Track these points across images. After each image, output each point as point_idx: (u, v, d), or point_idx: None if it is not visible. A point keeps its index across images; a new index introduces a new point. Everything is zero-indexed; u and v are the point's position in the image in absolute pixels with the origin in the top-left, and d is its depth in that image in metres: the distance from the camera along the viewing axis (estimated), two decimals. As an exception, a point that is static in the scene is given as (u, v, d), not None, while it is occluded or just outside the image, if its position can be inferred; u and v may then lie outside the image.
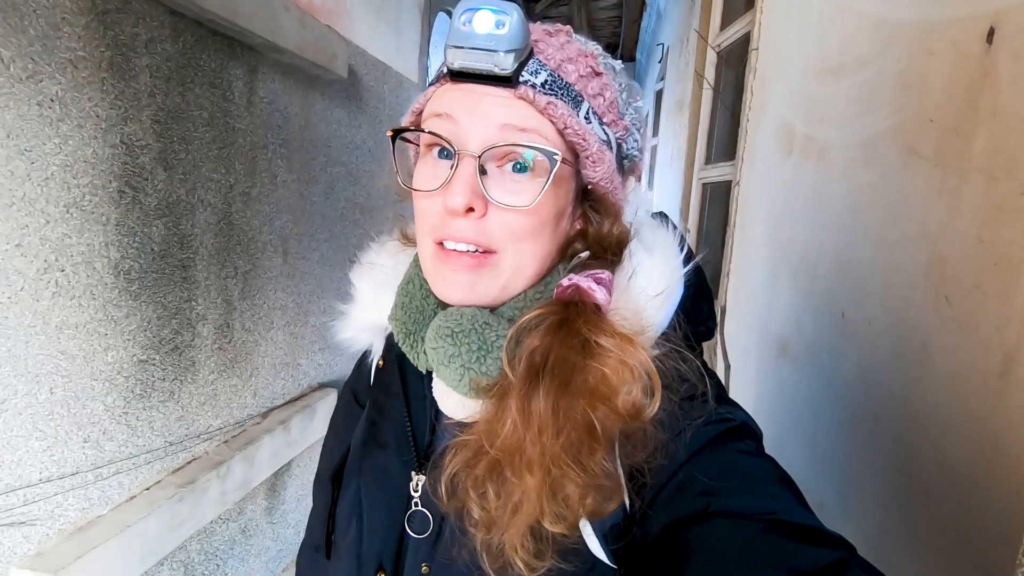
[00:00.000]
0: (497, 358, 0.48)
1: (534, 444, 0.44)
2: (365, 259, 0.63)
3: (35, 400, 1.09)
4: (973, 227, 0.68)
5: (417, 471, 0.54)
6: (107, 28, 1.15)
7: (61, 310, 1.12)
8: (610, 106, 0.51)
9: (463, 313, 0.50)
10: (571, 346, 0.45)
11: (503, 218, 0.47)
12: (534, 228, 0.48)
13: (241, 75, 1.57)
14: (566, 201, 0.51)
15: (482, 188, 0.46)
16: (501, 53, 0.44)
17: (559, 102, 0.47)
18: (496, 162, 0.48)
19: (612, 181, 0.51)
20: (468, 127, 0.46)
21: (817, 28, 1.30)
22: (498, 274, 0.50)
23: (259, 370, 1.79)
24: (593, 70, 0.50)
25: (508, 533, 0.44)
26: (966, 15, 0.74)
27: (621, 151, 0.54)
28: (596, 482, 0.44)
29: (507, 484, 0.45)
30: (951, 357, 0.70)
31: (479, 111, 0.46)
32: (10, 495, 1.07)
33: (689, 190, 2.76)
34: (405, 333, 0.54)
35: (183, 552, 1.50)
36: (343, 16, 2.09)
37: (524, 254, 0.49)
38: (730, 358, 1.77)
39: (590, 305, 0.47)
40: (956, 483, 0.67)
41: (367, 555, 0.56)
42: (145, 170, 1.28)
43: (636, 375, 0.44)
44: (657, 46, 4.54)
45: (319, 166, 2.01)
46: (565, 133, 0.47)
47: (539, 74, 0.47)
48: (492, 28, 0.43)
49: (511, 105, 0.46)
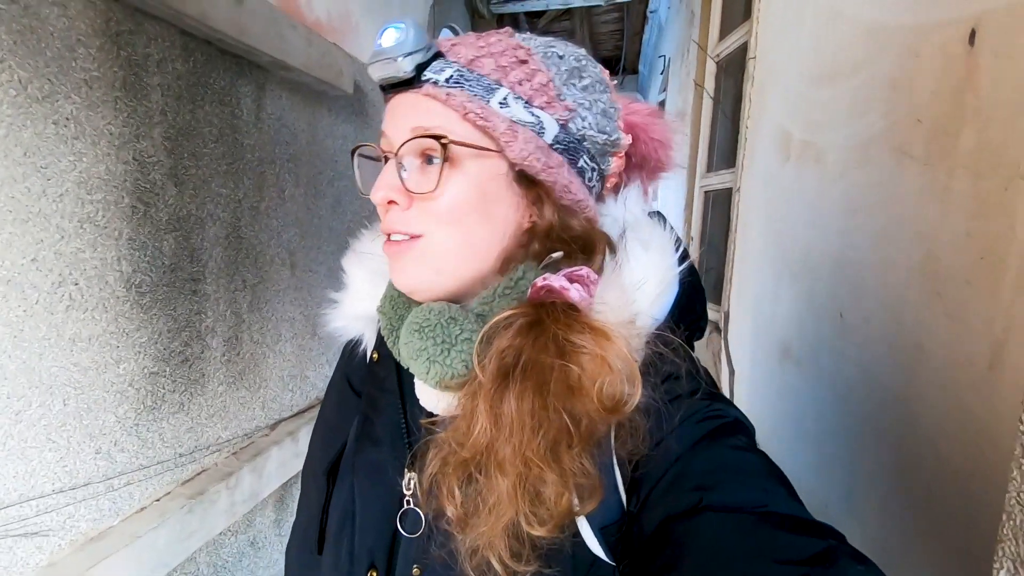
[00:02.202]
0: (461, 352, 0.49)
1: (506, 444, 0.44)
2: (358, 247, 0.65)
3: (48, 411, 1.11)
4: (962, 222, 0.69)
5: (410, 468, 0.55)
6: (120, 48, 1.19)
7: (74, 323, 1.14)
8: (539, 89, 0.52)
9: (431, 308, 0.52)
10: (543, 347, 0.46)
11: (423, 207, 0.52)
12: (452, 211, 0.52)
13: (249, 92, 1.61)
14: (493, 186, 0.52)
15: (400, 182, 0.52)
16: (400, 58, 0.50)
17: (459, 92, 0.50)
18: (416, 159, 0.52)
19: (540, 159, 0.52)
20: (392, 134, 0.54)
21: (811, 35, 1.33)
22: (425, 256, 0.53)
23: (267, 382, 1.81)
24: (518, 59, 0.52)
25: (485, 534, 0.45)
26: (950, 18, 0.76)
27: (569, 132, 0.53)
28: (574, 480, 0.45)
29: (480, 484, 0.46)
30: (944, 351, 0.71)
31: (396, 117, 0.53)
32: (24, 506, 1.09)
33: (691, 198, 2.78)
34: (389, 329, 0.56)
35: (192, 564, 1.51)
36: (349, 33, 2.14)
37: (449, 237, 0.52)
38: (734, 363, 1.77)
39: (563, 305, 0.48)
40: (952, 478, 0.67)
41: (359, 553, 0.56)
42: (156, 185, 1.31)
43: (612, 367, 0.44)
44: (659, 58, 4.59)
45: (326, 180, 2.05)
46: (467, 118, 0.50)
47: (443, 71, 0.51)
48: (394, 40, 0.50)
49: (419, 105, 0.52)
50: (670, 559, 0.42)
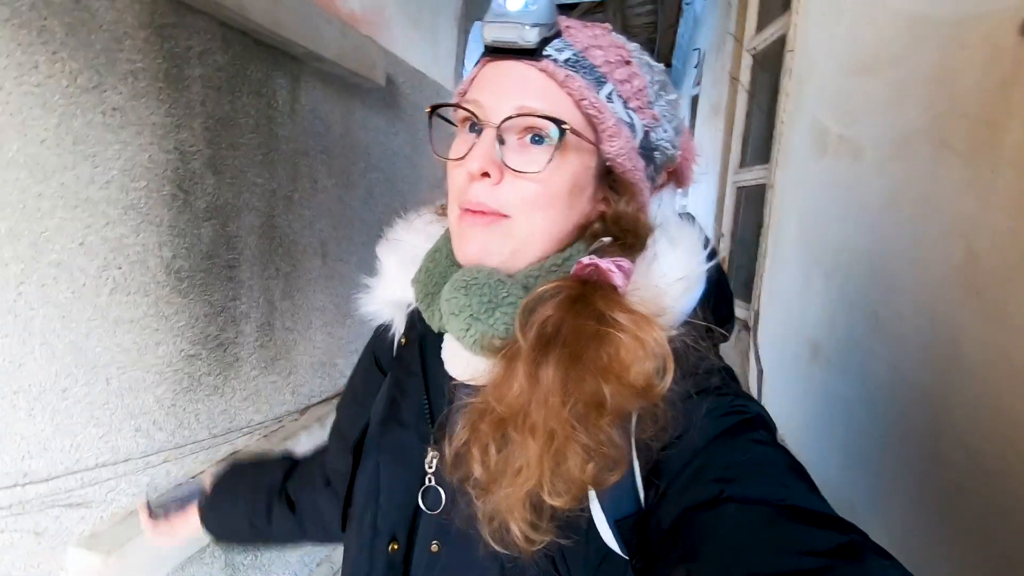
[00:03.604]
0: (505, 313, 0.50)
1: (539, 409, 0.45)
2: (392, 235, 0.66)
3: (93, 390, 1.16)
4: (1005, 219, 0.67)
5: (432, 446, 0.56)
6: (164, 41, 1.23)
7: (118, 306, 1.19)
8: (637, 93, 0.53)
9: (480, 269, 0.52)
10: (585, 319, 0.47)
11: (516, 185, 0.51)
12: (546, 197, 0.51)
13: (285, 84, 1.65)
14: (584, 178, 0.53)
15: (499, 156, 0.50)
16: (527, 26, 0.48)
17: (578, 77, 0.50)
18: (516, 135, 0.51)
19: (631, 160, 0.53)
20: (493, 102, 0.51)
21: (851, 28, 1.29)
22: (509, 238, 0.52)
23: (298, 368, 1.86)
24: (623, 59, 0.53)
25: (508, 497, 0.46)
26: (999, 8, 0.73)
27: (649, 140, 0.55)
28: (600, 449, 0.45)
29: (510, 445, 0.47)
30: (982, 351, 0.69)
31: (503, 87, 0.51)
32: (69, 477, 1.14)
33: (723, 194, 2.74)
34: (424, 293, 0.57)
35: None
36: (382, 26, 2.16)
37: (536, 223, 0.52)
38: (763, 362, 1.74)
39: (607, 285, 0.48)
40: (986, 478, 0.65)
41: (382, 527, 0.58)
42: (196, 174, 1.35)
43: (649, 351, 0.45)
44: (693, 51, 4.51)
45: (358, 172, 2.08)
46: (581, 105, 0.50)
47: (563, 52, 0.50)
48: (522, 5, 0.48)
49: (533, 80, 0.50)
50: (689, 549, 0.42)
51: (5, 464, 1.02)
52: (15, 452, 1.03)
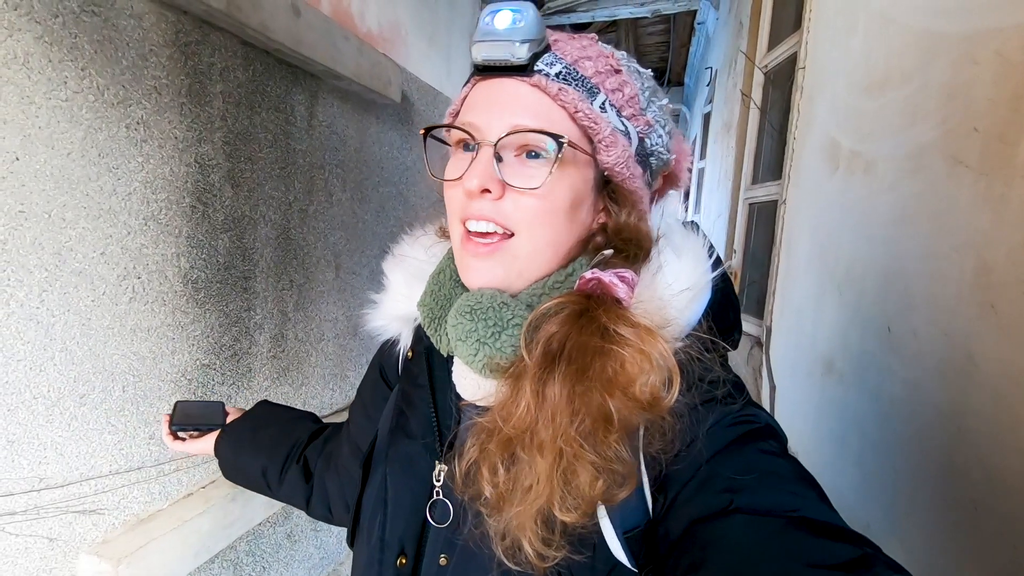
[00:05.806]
0: (511, 335, 0.50)
1: (547, 426, 0.45)
2: (398, 251, 0.66)
3: (109, 396, 1.18)
4: (1019, 233, 0.67)
5: (440, 460, 0.56)
6: (188, 58, 1.27)
7: (136, 314, 1.21)
8: (629, 101, 0.53)
9: (483, 293, 0.52)
10: (590, 334, 0.46)
11: (518, 202, 0.51)
12: (548, 212, 0.51)
13: (303, 100, 1.69)
14: (583, 189, 0.53)
15: (497, 172, 0.50)
16: (517, 43, 0.48)
17: (571, 89, 0.50)
18: (513, 152, 0.51)
19: (628, 167, 0.53)
20: (487, 122, 0.51)
21: (863, 44, 1.30)
22: (514, 258, 0.52)
23: (309, 379, 1.87)
24: (612, 67, 0.53)
25: (519, 516, 0.45)
26: (1010, 24, 0.73)
27: (644, 146, 0.55)
28: (608, 466, 0.45)
29: (519, 464, 0.46)
30: (997, 365, 0.68)
31: (497, 104, 0.51)
32: (83, 484, 1.16)
33: (735, 211, 2.73)
34: (431, 318, 0.57)
35: (232, 552, 1.57)
36: (399, 44, 2.21)
37: (539, 239, 0.52)
38: (776, 379, 1.73)
39: (610, 298, 0.48)
40: (1004, 494, 0.64)
41: (390, 540, 0.57)
42: (215, 187, 1.38)
43: (654, 364, 0.45)
44: (705, 70, 4.54)
45: (372, 186, 2.11)
46: (576, 117, 0.50)
47: (554, 65, 0.50)
48: (510, 23, 0.49)
49: (525, 96, 0.50)
50: (697, 559, 0.41)
51: (23, 469, 1.04)
52: (32, 457, 1.05)
